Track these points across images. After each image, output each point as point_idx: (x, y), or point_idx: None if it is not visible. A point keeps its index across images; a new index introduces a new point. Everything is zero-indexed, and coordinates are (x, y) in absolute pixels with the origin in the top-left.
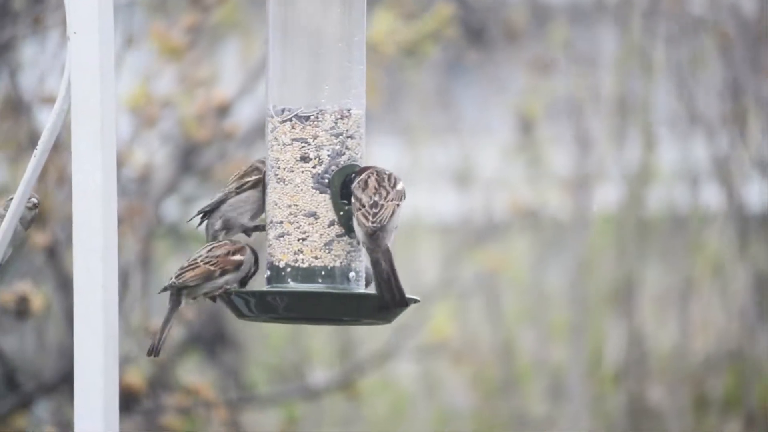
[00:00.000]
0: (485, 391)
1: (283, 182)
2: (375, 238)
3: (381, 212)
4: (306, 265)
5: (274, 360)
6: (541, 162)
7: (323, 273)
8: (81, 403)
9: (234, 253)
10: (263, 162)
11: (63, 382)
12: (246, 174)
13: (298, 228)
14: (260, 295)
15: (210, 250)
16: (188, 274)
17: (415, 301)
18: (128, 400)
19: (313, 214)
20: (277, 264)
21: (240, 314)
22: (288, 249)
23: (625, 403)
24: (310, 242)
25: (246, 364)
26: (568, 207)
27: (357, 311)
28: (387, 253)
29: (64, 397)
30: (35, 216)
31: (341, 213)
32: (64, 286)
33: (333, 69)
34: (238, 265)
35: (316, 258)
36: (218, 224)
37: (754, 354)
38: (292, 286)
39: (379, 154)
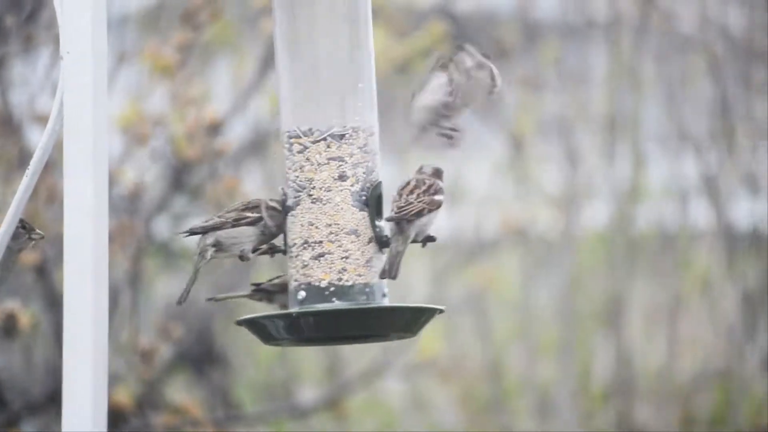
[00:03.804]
0: (474, 408)
1: (320, 202)
2: (399, 227)
3: (407, 207)
4: (350, 283)
5: (262, 378)
6: (531, 179)
7: (366, 290)
8: (69, 422)
9: (251, 209)
10: (264, 200)
11: (50, 401)
12: (247, 208)
13: (341, 247)
14: (291, 317)
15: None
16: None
17: (441, 311)
18: (116, 419)
19: (355, 232)
20: (317, 284)
21: (268, 338)
22: (331, 268)
23: (613, 421)
24: (353, 260)
25: (234, 383)
26: (557, 224)
27: (387, 326)
28: (405, 242)
29: (51, 415)
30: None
31: (377, 229)
32: (53, 304)
33: (347, 87)
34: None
35: (359, 276)
36: (210, 240)
37: (741, 372)
38: (338, 305)
39: None
